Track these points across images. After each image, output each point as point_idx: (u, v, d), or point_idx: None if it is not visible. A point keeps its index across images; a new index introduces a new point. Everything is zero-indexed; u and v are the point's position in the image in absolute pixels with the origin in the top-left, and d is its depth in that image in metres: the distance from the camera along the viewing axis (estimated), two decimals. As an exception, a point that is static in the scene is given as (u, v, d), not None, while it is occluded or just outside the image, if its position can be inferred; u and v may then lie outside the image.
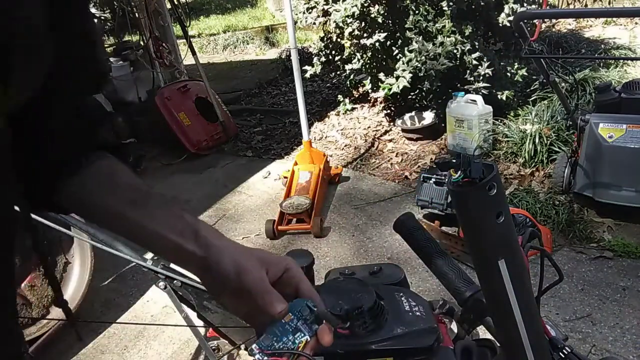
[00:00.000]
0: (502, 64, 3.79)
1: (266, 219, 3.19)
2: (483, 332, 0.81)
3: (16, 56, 0.37)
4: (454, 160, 0.50)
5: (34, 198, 0.57)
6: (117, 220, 0.56)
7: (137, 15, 5.07)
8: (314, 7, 4.27)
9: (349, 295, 0.70)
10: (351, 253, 2.88)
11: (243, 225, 3.35)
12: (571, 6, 6.64)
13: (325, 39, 4.48)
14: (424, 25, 3.73)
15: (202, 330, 1.67)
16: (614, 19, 5.92)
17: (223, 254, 0.54)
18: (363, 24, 4.00)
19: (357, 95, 5.03)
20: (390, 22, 3.98)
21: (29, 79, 0.42)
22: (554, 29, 6.04)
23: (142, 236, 0.56)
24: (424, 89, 4.03)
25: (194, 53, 4.76)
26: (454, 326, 0.96)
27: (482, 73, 3.62)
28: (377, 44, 3.93)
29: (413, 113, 4.25)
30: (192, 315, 1.46)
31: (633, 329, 2.10)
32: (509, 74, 3.78)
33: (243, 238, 3.20)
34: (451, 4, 3.64)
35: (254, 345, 0.53)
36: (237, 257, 0.55)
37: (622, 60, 4.45)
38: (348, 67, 4.22)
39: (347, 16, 3.91)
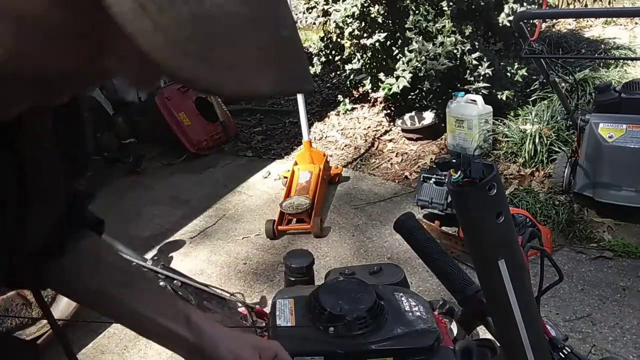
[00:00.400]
0: (502, 64, 3.79)
1: (266, 219, 3.19)
2: (483, 332, 0.81)
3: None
4: (454, 160, 0.50)
5: (17, 278, 0.55)
6: (104, 300, 0.56)
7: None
8: (314, 7, 4.27)
9: (349, 295, 0.70)
10: (351, 253, 2.88)
11: (243, 225, 3.35)
12: (571, 6, 6.64)
13: (325, 39, 4.48)
14: (424, 25, 3.73)
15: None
16: (614, 19, 5.92)
17: (218, 342, 0.56)
18: (363, 24, 4.00)
19: (357, 95, 5.03)
20: (390, 22, 3.98)
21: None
22: (554, 29, 6.04)
23: (132, 318, 0.56)
24: (424, 89, 4.03)
25: (194, 53, 4.75)
26: (454, 326, 0.96)
27: (482, 73, 3.62)
28: (377, 44, 3.93)
29: (413, 113, 4.25)
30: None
31: (633, 329, 2.10)
32: (509, 74, 3.78)
33: (243, 238, 3.20)
34: (451, 4, 3.64)
35: None
36: (232, 345, 0.56)
37: (622, 60, 4.46)
38: (348, 67, 4.22)
39: (347, 16, 3.91)
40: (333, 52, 4.41)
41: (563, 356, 0.68)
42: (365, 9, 3.89)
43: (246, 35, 0.29)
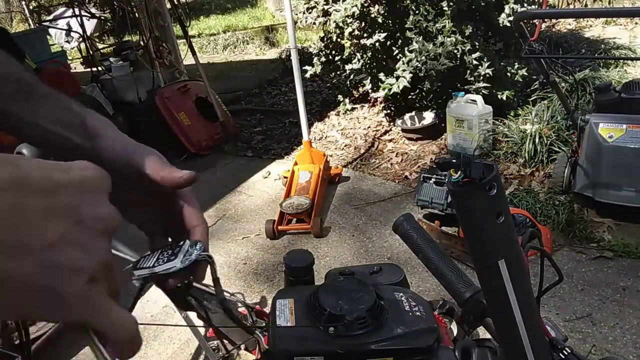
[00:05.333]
0: (502, 64, 3.79)
1: (266, 219, 3.19)
2: (483, 332, 0.81)
3: None
4: (454, 160, 0.50)
5: None
6: (2, 117, 0.49)
7: (137, 15, 5.06)
8: (314, 7, 4.27)
9: (349, 295, 0.69)
10: (351, 253, 2.88)
11: (243, 225, 3.35)
12: (571, 6, 6.64)
13: (325, 39, 4.48)
14: (424, 25, 3.73)
15: (202, 330, 1.67)
16: (614, 19, 5.92)
17: (114, 143, 0.50)
18: (363, 24, 4.00)
19: (357, 95, 5.03)
20: (390, 22, 3.98)
21: None
22: (554, 29, 6.04)
23: (26, 131, 0.50)
24: (424, 89, 4.04)
25: (194, 53, 4.76)
26: (454, 326, 0.96)
27: (482, 73, 3.62)
28: (377, 44, 3.93)
29: (413, 113, 4.25)
30: (192, 315, 1.46)
31: (633, 329, 2.10)
32: (509, 74, 3.78)
33: (243, 238, 3.20)
34: (451, 4, 3.64)
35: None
36: (127, 143, 0.51)
37: (622, 60, 4.46)
38: (348, 67, 4.22)
39: (347, 16, 3.91)
40: (333, 52, 4.41)
41: (563, 357, 0.68)
42: (365, 9, 3.89)
43: None
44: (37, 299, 0.29)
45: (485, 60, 3.62)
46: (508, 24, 3.62)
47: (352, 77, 4.52)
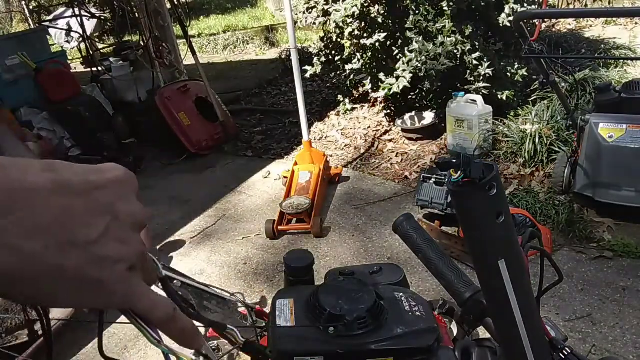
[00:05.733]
0: (502, 64, 3.79)
1: (266, 219, 3.19)
2: (483, 332, 0.81)
3: None
4: (454, 160, 0.50)
5: None
6: None
7: (137, 15, 5.06)
8: (314, 7, 4.27)
9: (349, 295, 0.70)
10: (351, 253, 2.88)
11: (243, 225, 3.35)
12: (571, 6, 6.64)
13: (325, 39, 4.48)
14: (424, 25, 3.73)
15: (202, 330, 1.67)
16: (614, 19, 5.92)
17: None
18: (363, 24, 4.00)
19: (357, 95, 5.03)
20: (390, 22, 3.98)
21: None
22: (554, 29, 6.04)
23: None
24: (424, 89, 4.04)
25: (194, 53, 4.76)
26: (454, 326, 0.96)
27: (482, 73, 3.62)
28: (377, 44, 3.93)
29: (413, 113, 4.25)
30: (192, 315, 1.46)
31: (633, 329, 2.10)
32: (509, 74, 3.78)
33: (243, 238, 3.20)
34: (451, 4, 3.64)
35: None
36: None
37: (622, 60, 4.46)
38: (348, 67, 4.22)
39: (347, 16, 3.91)
40: (333, 52, 4.41)
41: (563, 357, 0.68)
42: (365, 9, 3.89)
43: None
44: (86, 288, 0.33)
45: (485, 60, 3.62)
46: (508, 24, 3.62)
47: (352, 77, 4.52)
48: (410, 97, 4.28)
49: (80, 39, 5.71)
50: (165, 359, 0.41)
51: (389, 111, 4.54)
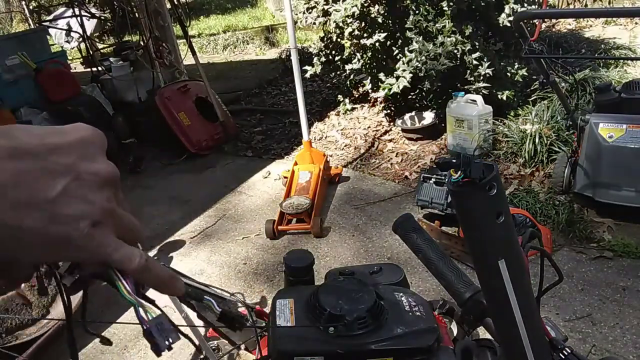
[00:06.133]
0: (502, 64, 3.79)
1: (266, 219, 3.19)
2: (483, 332, 0.81)
3: None
4: (454, 160, 0.50)
5: None
6: None
7: (137, 15, 5.06)
8: (314, 7, 4.27)
9: (349, 295, 0.69)
10: (351, 253, 2.88)
11: (243, 225, 3.35)
12: (571, 6, 6.64)
13: (325, 39, 4.48)
14: (424, 25, 3.73)
15: (202, 330, 1.67)
16: (614, 19, 5.92)
17: None
18: (363, 24, 4.00)
19: (357, 95, 5.03)
20: (390, 22, 3.98)
21: None
22: (554, 29, 6.04)
23: None
24: (424, 89, 4.04)
25: (194, 53, 4.76)
26: (454, 326, 0.96)
27: (482, 73, 3.62)
28: (377, 44, 3.93)
29: (413, 113, 4.25)
30: (192, 315, 1.46)
31: (633, 329, 2.10)
32: (509, 74, 3.78)
33: (243, 238, 3.20)
34: (451, 4, 3.64)
35: None
36: None
37: (622, 60, 4.46)
38: (348, 67, 4.22)
39: (347, 16, 3.91)
40: (333, 52, 4.41)
41: (563, 357, 0.68)
42: (365, 9, 3.89)
43: None
44: (53, 244, 0.35)
45: (485, 60, 3.62)
46: (508, 24, 3.62)
47: (352, 77, 4.52)
48: (410, 97, 4.28)
49: (80, 39, 5.71)
50: (135, 311, 0.42)
51: (389, 111, 4.54)
